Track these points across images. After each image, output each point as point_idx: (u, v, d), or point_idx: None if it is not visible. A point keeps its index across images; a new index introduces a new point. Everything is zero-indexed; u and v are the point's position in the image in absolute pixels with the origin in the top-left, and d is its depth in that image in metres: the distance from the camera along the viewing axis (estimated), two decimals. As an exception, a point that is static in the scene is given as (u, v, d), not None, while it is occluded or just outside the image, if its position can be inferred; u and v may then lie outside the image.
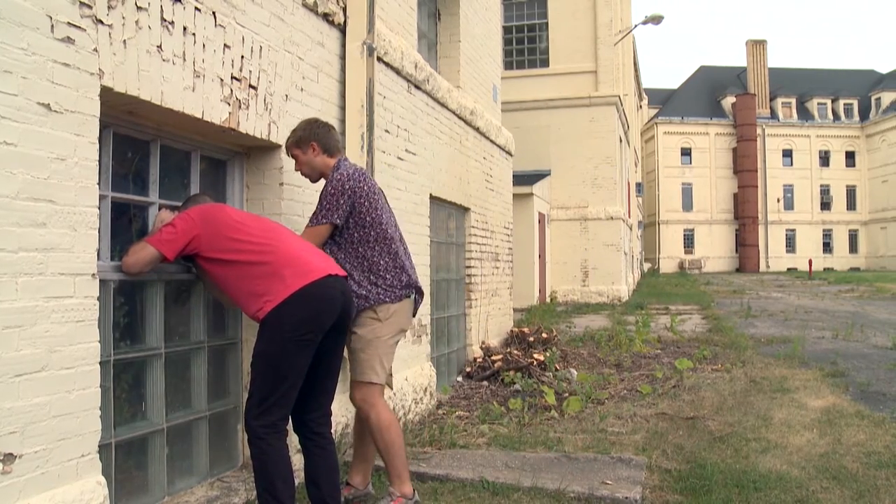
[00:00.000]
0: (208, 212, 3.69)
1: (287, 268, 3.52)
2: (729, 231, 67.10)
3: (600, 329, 13.33)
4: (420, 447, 5.43)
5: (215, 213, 3.69)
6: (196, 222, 3.58)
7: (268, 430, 3.46)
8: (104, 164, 3.39)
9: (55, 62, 2.88)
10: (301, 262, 3.57)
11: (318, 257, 3.73)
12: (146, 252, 3.49)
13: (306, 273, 3.52)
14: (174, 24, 3.55)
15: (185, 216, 3.62)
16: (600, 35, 22.70)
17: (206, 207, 3.74)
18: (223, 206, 3.99)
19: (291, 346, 3.46)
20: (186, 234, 3.55)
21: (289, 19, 4.59)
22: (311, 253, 3.73)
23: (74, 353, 2.98)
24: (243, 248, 3.59)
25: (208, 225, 3.60)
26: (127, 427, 3.69)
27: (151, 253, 3.50)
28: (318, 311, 3.53)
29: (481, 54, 9.47)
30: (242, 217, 3.80)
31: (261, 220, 3.84)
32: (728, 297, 25.41)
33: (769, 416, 6.50)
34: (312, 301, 3.50)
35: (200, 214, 3.63)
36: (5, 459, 2.67)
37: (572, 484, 4.49)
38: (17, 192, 2.73)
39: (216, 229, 3.60)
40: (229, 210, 3.84)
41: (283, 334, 3.45)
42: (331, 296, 3.58)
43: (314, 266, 3.59)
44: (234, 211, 3.87)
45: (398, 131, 6.27)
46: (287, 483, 3.49)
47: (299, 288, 3.46)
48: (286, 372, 3.48)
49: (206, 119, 3.80)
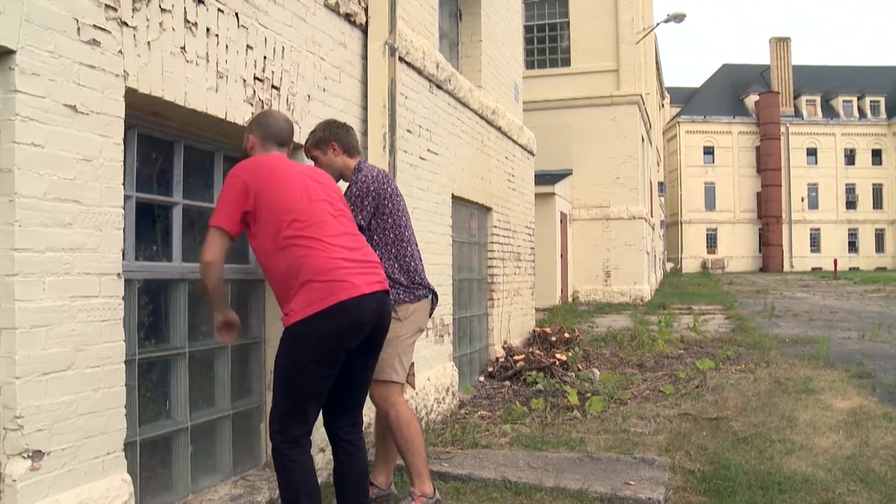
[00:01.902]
0: (259, 166, 3.40)
1: (320, 275, 3.22)
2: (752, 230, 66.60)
3: (623, 329, 13.27)
4: (442, 447, 5.44)
5: (263, 170, 3.39)
6: (243, 179, 3.32)
7: (290, 445, 3.29)
8: (129, 164, 3.43)
9: (81, 64, 2.91)
10: (337, 272, 3.24)
11: (358, 266, 3.36)
12: (209, 236, 3.29)
13: (339, 290, 3.21)
14: (197, 25, 3.57)
15: (231, 176, 3.36)
16: (622, 34, 22.60)
17: (258, 161, 3.45)
18: (278, 159, 3.52)
19: (312, 366, 3.24)
20: (238, 193, 3.30)
21: (311, 20, 4.61)
22: (351, 259, 3.36)
23: (100, 351, 3.01)
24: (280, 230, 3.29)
25: (259, 179, 3.33)
26: (151, 425, 3.73)
27: (212, 234, 3.29)
28: (345, 333, 3.27)
29: (503, 54, 9.45)
30: (292, 182, 3.39)
31: (309, 189, 3.41)
32: (751, 296, 25.21)
33: (794, 417, 6.44)
34: (340, 323, 3.22)
35: (249, 170, 3.37)
36: (34, 456, 2.71)
37: (595, 484, 4.47)
38: (44, 192, 2.76)
39: (264, 193, 3.31)
40: (282, 167, 3.45)
41: (305, 352, 3.22)
42: (361, 320, 3.29)
43: (350, 281, 3.25)
44: (285, 169, 3.44)
45: (420, 131, 6.28)
46: (312, 497, 3.32)
47: (328, 307, 3.18)
48: (305, 391, 3.29)
49: (229, 119, 3.82)
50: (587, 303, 21.48)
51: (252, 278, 4.50)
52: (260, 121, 3.66)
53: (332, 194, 3.54)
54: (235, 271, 4.37)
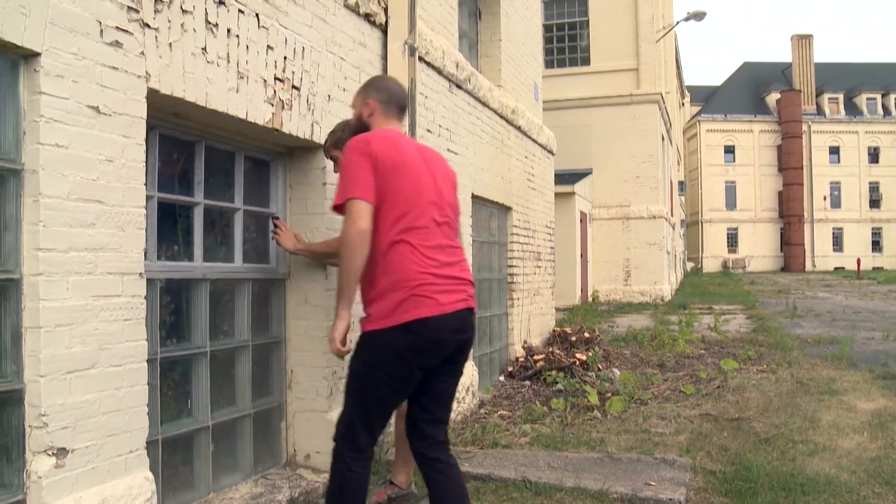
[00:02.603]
0: (389, 143, 3.17)
1: (406, 287, 2.99)
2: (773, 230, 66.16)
3: (643, 329, 13.21)
4: (462, 446, 5.43)
5: (393, 150, 3.14)
6: (372, 155, 3.07)
7: (354, 454, 3.13)
8: (150, 164, 3.45)
9: (104, 66, 2.94)
10: (424, 287, 3.01)
11: (447, 283, 3.11)
12: (349, 209, 3.01)
13: (421, 305, 2.99)
14: (218, 26, 3.59)
15: (354, 151, 3.10)
16: (642, 32, 22.50)
17: (388, 136, 3.21)
18: (404, 139, 3.31)
19: (385, 377, 3.04)
20: (368, 169, 3.05)
21: (331, 20, 4.62)
22: (442, 275, 3.10)
23: (123, 350, 3.03)
24: (384, 225, 3.06)
25: (387, 160, 3.09)
26: (173, 424, 3.75)
27: (352, 206, 3.01)
28: (422, 351, 3.04)
29: (522, 53, 9.44)
30: (412, 173, 3.14)
31: (423, 187, 3.16)
32: (773, 296, 25.02)
33: (817, 418, 6.38)
34: (417, 340, 3.00)
35: (379, 144, 3.12)
36: (59, 454, 2.74)
37: (615, 485, 4.45)
38: (67, 192, 2.78)
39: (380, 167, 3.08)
40: (407, 151, 3.21)
41: (379, 362, 3.03)
42: (440, 338, 3.06)
43: (435, 298, 3.02)
44: (408, 155, 3.19)
45: (440, 131, 6.28)
46: None
47: (406, 322, 2.97)
48: (374, 401, 3.12)
49: (249, 120, 3.84)
50: (607, 302, 21.40)
51: (273, 277, 4.52)
52: (377, 84, 3.45)
53: (443, 196, 3.26)
54: (257, 270, 4.39)
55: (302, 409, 4.55)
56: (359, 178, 3.02)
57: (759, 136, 65.99)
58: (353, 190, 3.01)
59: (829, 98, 67.27)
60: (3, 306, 2.72)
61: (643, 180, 22.36)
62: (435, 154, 3.40)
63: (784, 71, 69.20)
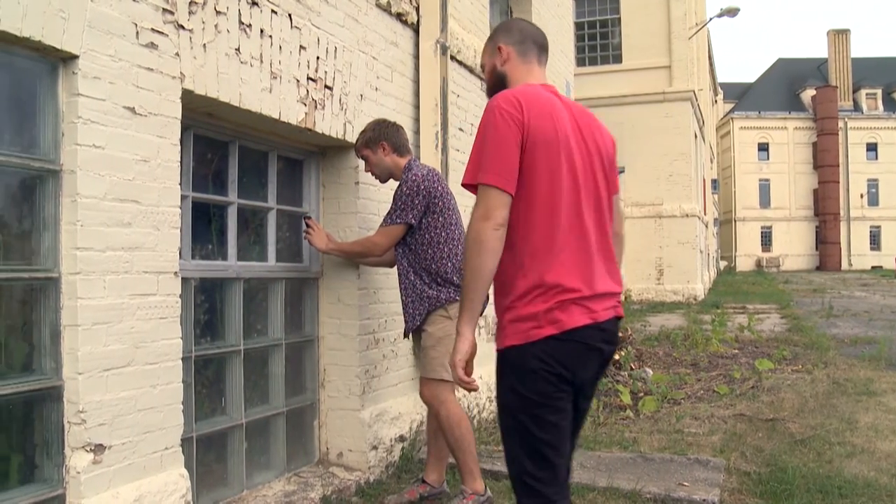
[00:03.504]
0: (541, 105, 2.49)
1: (552, 291, 2.40)
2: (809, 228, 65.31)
3: (676, 328, 13.11)
4: (494, 445, 5.42)
5: (545, 116, 2.47)
6: (519, 122, 2.42)
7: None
8: (185, 164, 3.48)
9: (140, 67, 2.97)
10: (575, 292, 2.42)
11: (601, 281, 2.51)
12: (482, 197, 2.42)
13: (571, 313, 2.42)
14: (251, 27, 3.62)
15: (497, 113, 2.43)
16: (674, 29, 22.32)
17: (538, 96, 2.52)
18: (554, 103, 2.55)
19: (541, 399, 2.41)
20: (513, 141, 2.40)
21: (363, 20, 4.64)
22: (595, 275, 2.49)
23: (158, 349, 3.07)
24: (525, 209, 2.44)
25: (538, 128, 2.44)
26: (207, 422, 3.79)
27: (486, 195, 2.40)
28: (572, 366, 2.42)
29: (553, 51, 9.39)
30: (565, 146, 2.48)
31: (577, 165, 2.50)
32: (808, 296, 24.70)
33: (854, 419, 6.29)
34: (567, 354, 2.41)
35: (529, 106, 2.45)
36: (96, 450, 2.78)
37: (648, 485, 4.42)
38: (104, 193, 2.82)
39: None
40: (561, 118, 2.52)
41: (527, 385, 2.41)
42: (591, 350, 2.47)
43: (587, 305, 2.44)
44: (562, 122, 2.50)
45: (472, 129, 6.27)
46: None
47: (553, 335, 2.39)
48: (543, 435, 2.42)
49: (283, 119, 3.86)
50: (639, 302, 21.27)
51: (306, 276, 4.55)
52: (505, 27, 2.83)
53: (599, 176, 2.58)
54: (290, 269, 4.42)
55: (334, 407, 4.57)
56: (501, 155, 2.41)
57: (793, 133, 65.14)
58: (490, 172, 2.40)
59: (866, 94, 66.19)
60: (43, 304, 2.76)
61: (676, 178, 22.19)
62: (590, 120, 2.66)
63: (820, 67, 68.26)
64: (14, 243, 2.75)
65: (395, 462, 4.77)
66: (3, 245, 2.71)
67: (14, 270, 2.71)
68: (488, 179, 2.39)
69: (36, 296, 2.77)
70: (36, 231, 2.76)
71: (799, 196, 65.39)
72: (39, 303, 2.77)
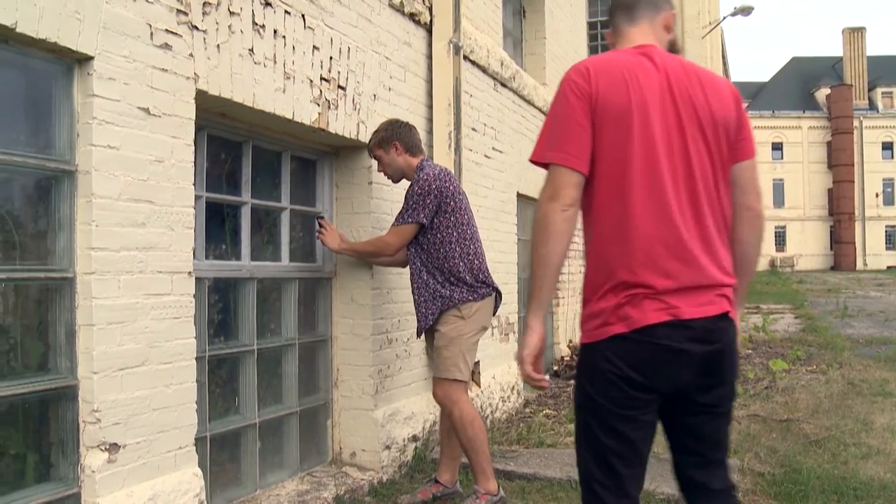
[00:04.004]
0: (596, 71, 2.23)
1: (627, 281, 2.15)
2: (823, 228, 64.90)
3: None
4: (507, 445, 5.42)
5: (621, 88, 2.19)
6: (590, 95, 2.18)
7: None
8: (199, 164, 3.49)
9: (154, 68, 2.98)
10: (652, 286, 2.12)
11: (693, 272, 2.15)
12: (552, 177, 2.24)
13: (646, 309, 2.12)
14: (265, 27, 3.62)
15: (570, 86, 2.21)
16: (687, 28, 22.20)
17: (603, 60, 2.29)
18: (626, 60, 2.28)
19: (608, 405, 2.19)
20: (581, 117, 2.17)
21: (376, 20, 4.64)
22: (678, 264, 2.15)
23: (172, 348, 3.08)
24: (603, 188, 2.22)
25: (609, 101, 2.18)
26: (221, 421, 3.80)
27: (556, 174, 2.21)
28: (649, 371, 2.14)
29: (567, 51, 9.38)
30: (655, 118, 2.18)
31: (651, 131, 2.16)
32: (822, 295, 24.54)
33: (869, 420, 6.24)
34: (639, 355, 2.13)
35: (603, 78, 2.20)
36: (111, 449, 2.79)
37: (662, 485, 4.39)
38: (119, 193, 2.83)
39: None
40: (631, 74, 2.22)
41: (594, 386, 2.21)
42: (674, 353, 2.12)
43: (667, 301, 2.12)
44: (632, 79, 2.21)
45: (485, 129, 6.27)
46: None
47: (623, 333, 2.13)
48: (605, 439, 2.21)
49: (296, 120, 3.87)
50: (652, 301, 21.15)
51: (320, 276, 4.55)
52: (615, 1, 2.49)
53: (698, 146, 2.21)
54: (303, 269, 4.43)
55: (348, 407, 4.58)
56: (570, 130, 2.18)
57: (807, 132, 64.75)
58: (558, 149, 2.19)
59: (882, 92, 65.69)
60: (58, 304, 2.78)
61: (689, 178, 22.06)
62: (696, 80, 2.30)
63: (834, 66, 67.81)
64: (30, 243, 2.77)
65: (408, 462, 4.77)
66: (20, 245, 2.73)
67: (30, 270, 2.73)
68: (556, 157, 2.18)
69: (51, 295, 2.79)
70: (51, 231, 2.78)
71: (813, 195, 64.99)
72: (55, 302, 2.79)
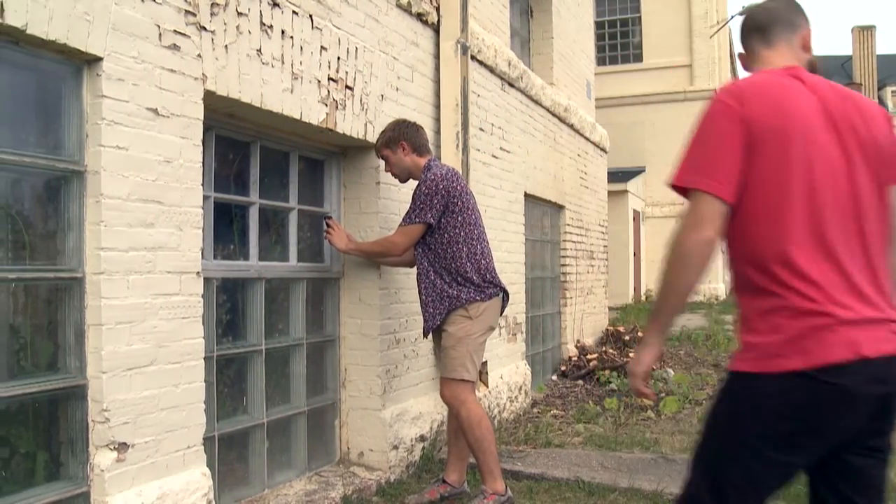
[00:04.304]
0: (751, 94, 2.06)
1: (801, 312, 1.94)
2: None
3: (697, 328, 13.02)
4: (515, 445, 5.42)
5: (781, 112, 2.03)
6: (743, 118, 2.02)
7: None
8: (207, 165, 3.50)
9: (162, 68, 2.99)
10: (834, 315, 1.92)
11: (871, 310, 1.96)
12: (693, 205, 2.10)
13: (827, 344, 1.90)
14: (273, 28, 3.63)
15: (720, 109, 2.07)
16: (695, 28, 22.16)
17: (756, 82, 2.13)
18: (780, 83, 2.11)
19: (758, 441, 1.97)
20: (736, 142, 2.02)
21: (383, 20, 4.64)
22: (862, 298, 1.97)
23: (181, 348, 3.09)
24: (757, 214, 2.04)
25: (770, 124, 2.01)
26: (229, 421, 3.81)
27: (699, 202, 2.07)
28: (823, 414, 1.92)
29: (574, 50, 9.37)
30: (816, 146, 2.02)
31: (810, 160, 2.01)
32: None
33: None
34: (817, 397, 1.90)
35: (758, 102, 2.02)
36: (120, 448, 2.80)
37: (670, 486, 4.40)
38: (128, 193, 2.85)
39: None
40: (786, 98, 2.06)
41: (749, 420, 1.98)
42: (854, 397, 1.90)
43: (849, 335, 1.90)
44: (788, 104, 2.04)
45: (492, 129, 6.27)
46: None
47: (799, 369, 1.90)
48: (734, 472, 2.03)
49: (304, 120, 3.88)
50: (660, 302, 21.10)
51: (328, 276, 4.56)
52: (749, 13, 2.35)
53: (860, 171, 2.04)
54: (311, 269, 4.44)
55: (355, 407, 4.58)
56: (720, 156, 2.04)
57: (817, 131, 64.50)
58: (706, 175, 2.06)
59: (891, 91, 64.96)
60: (68, 304, 2.79)
61: (697, 178, 21.99)
62: (852, 103, 2.10)
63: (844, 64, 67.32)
64: (40, 243, 2.79)
65: (416, 462, 4.78)
66: (30, 245, 2.75)
67: (40, 270, 2.75)
68: (702, 184, 2.04)
69: (61, 295, 2.80)
70: (61, 231, 2.79)
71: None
72: (64, 302, 2.80)
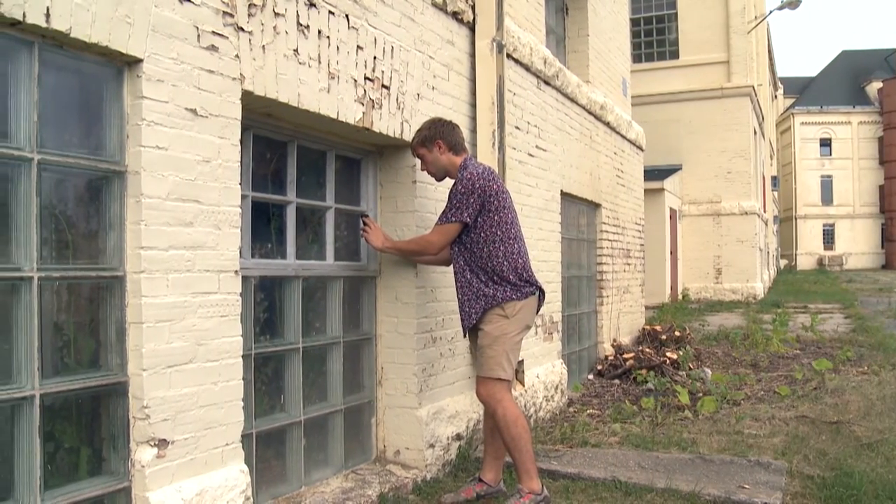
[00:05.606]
0: None
1: None
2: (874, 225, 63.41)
3: (735, 328, 12.88)
4: (551, 445, 5.40)
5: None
6: None
7: None
8: (245, 164, 3.53)
9: (201, 69, 3.02)
10: None
11: None
12: None
13: None
14: (309, 28, 3.65)
15: None
16: (732, 23, 21.90)
17: None
18: None
19: None
20: None
21: (419, 19, 4.65)
22: None
23: (219, 346, 3.12)
24: None
25: None
26: (267, 418, 3.84)
27: None
28: None
29: (610, 48, 9.31)
30: None
31: None
32: (873, 295, 24.02)
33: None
34: None
35: None
36: (160, 444, 2.84)
37: (707, 487, 4.35)
38: (167, 193, 2.88)
39: None
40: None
41: None
42: None
43: None
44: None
45: (528, 128, 6.25)
46: None
47: None
48: None
49: (340, 119, 3.89)
50: (697, 301, 20.93)
51: (364, 275, 4.58)
52: None
53: None
54: (348, 268, 4.45)
55: (392, 405, 4.60)
56: None
57: (858, 127, 63.32)
58: None
59: (933, 87, 64.02)
60: (109, 302, 2.83)
61: (734, 176, 21.76)
62: None
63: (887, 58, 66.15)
64: (81, 243, 2.83)
65: (452, 460, 4.78)
66: (72, 244, 2.79)
67: (82, 269, 2.79)
68: None
69: (102, 294, 2.84)
70: (102, 231, 2.84)
71: (863, 192, 63.55)
72: (105, 301, 2.84)
